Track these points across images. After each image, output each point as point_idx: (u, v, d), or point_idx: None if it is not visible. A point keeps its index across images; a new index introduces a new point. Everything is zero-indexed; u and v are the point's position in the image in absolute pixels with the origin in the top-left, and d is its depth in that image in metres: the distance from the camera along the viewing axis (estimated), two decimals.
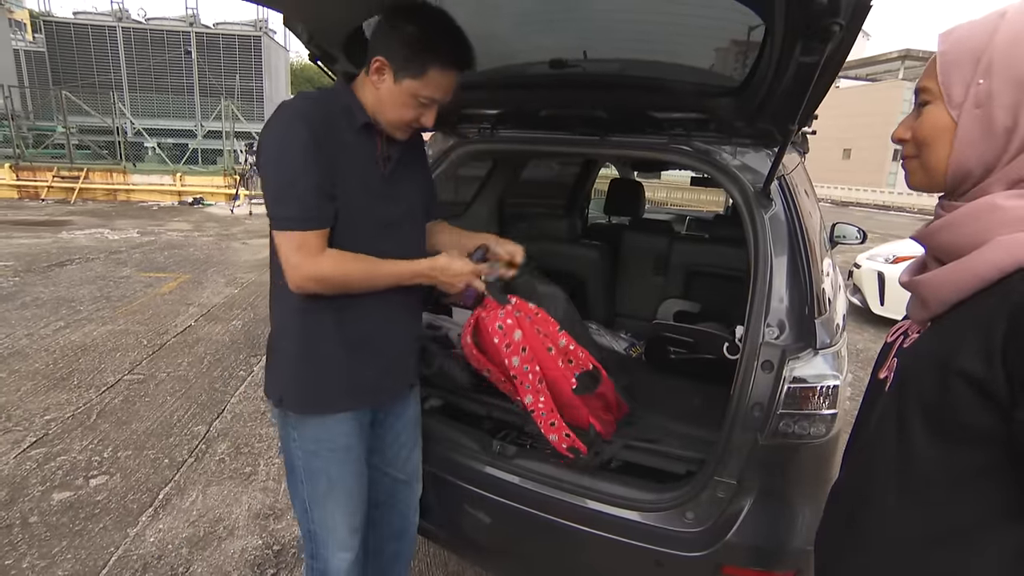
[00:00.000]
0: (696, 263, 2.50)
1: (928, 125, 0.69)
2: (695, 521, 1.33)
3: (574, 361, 1.38)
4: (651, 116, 1.55)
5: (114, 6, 17.41)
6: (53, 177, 12.87)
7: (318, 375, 1.27)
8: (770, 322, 1.33)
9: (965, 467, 0.62)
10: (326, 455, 1.30)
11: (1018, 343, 0.55)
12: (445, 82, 1.18)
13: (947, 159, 0.67)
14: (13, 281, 5.72)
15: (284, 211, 1.12)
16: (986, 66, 0.62)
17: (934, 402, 0.63)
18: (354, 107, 1.20)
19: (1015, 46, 0.61)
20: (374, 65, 1.16)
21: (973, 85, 0.63)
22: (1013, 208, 0.61)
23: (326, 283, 1.17)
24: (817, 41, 1.01)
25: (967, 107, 0.64)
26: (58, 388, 3.44)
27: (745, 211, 1.44)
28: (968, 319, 0.62)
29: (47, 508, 2.34)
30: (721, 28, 1.30)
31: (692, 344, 2.05)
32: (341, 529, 1.34)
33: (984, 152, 0.64)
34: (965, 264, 0.63)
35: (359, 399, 1.32)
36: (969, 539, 0.63)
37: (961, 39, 0.66)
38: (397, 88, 1.16)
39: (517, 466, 1.53)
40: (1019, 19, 0.62)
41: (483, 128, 1.85)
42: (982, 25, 0.64)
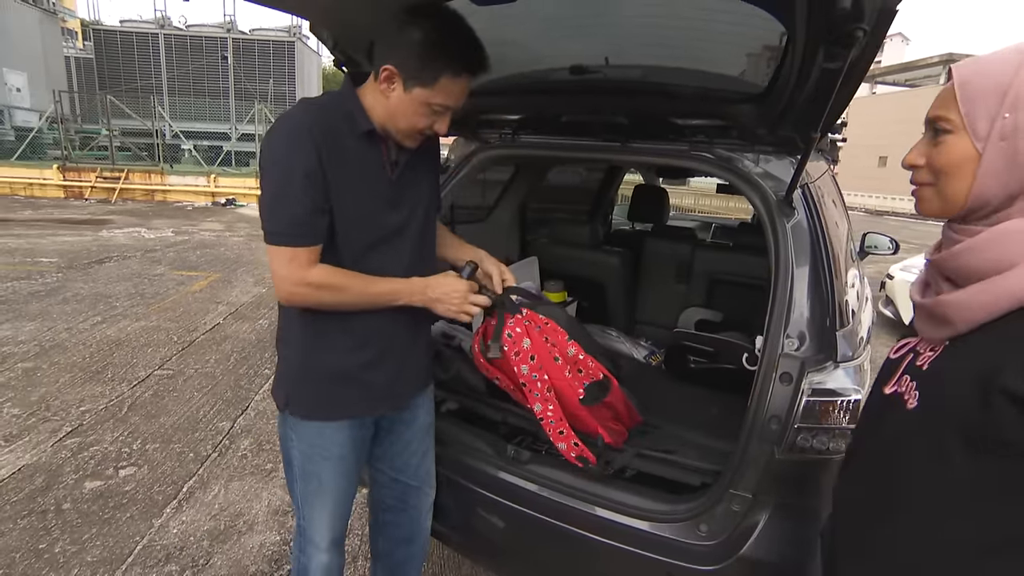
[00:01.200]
0: (719, 271, 2.46)
1: (950, 155, 0.70)
2: (709, 534, 1.31)
3: (584, 371, 1.37)
4: (672, 122, 1.54)
5: (157, 14, 18.09)
6: (96, 178, 13.41)
7: (320, 384, 1.28)
8: (790, 333, 1.30)
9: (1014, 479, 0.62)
10: (319, 461, 1.31)
11: None
12: (457, 89, 1.15)
13: (968, 189, 0.69)
14: (56, 277, 5.96)
15: (276, 226, 1.13)
16: (1012, 101, 0.64)
17: (975, 421, 0.64)
18: (357, 114, 1.18)
19: None
20: (383, 74, 1.14)
21: (999, 119, 0.65)
22: None
23: (316, 292, 1.16)
24: (840, 47, 0.99)
25: (992, 139, 0.66)
26: (93, 381, 3.57)
27: (767, 219, 1.42)
28: (1002, 338, 0.64)
29: (79, 496, 2.42)
30: (742, 34, 1.28)
31: (712, 354, 2.02)
32: (324, 532, 1.36)
33: (1008, 183, 0.66)
34: (997, 285, 0.65)
35: (363, 407, 1.33)
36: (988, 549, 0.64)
37: (983, 72, 0.68)
38: (408, 97, 1.14)
39: (531, 472, 1.52)
40: None
41: (504, 133, 1.86)
42: (1005, 60, 0.67)
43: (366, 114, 1.19)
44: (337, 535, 1.39)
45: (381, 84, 1.15)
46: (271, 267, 1.16)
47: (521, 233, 2.74)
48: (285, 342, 1.31)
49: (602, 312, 2.56)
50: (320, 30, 1.52)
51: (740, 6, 1.14)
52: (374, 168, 1.22)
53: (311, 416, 1.29)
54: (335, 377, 1.28)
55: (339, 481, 1.34)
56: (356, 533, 2.30)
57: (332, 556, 1.38)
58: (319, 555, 1.36)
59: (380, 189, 1.23)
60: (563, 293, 2.29)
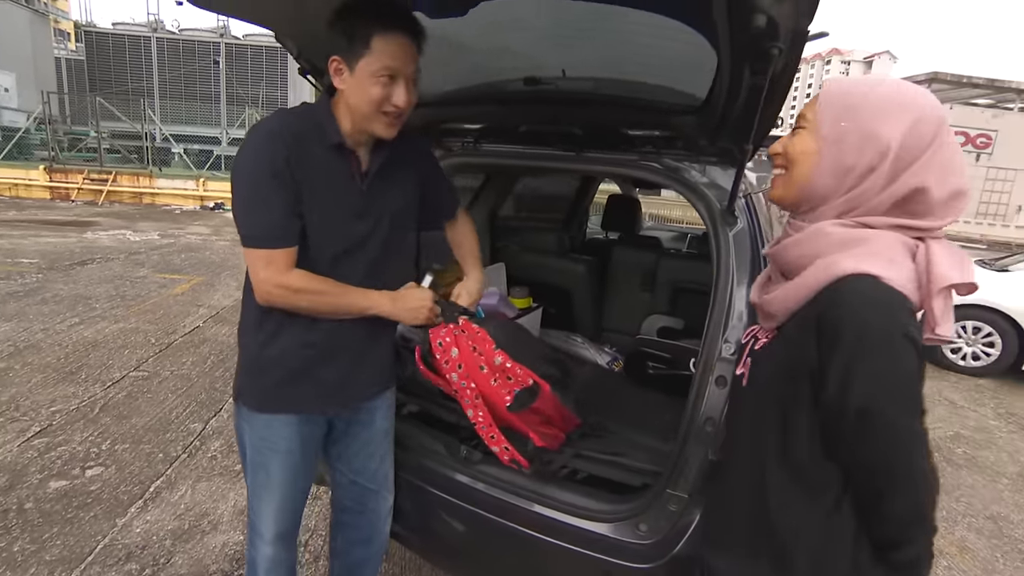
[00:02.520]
0: (682, 280, 2.51)
1: (800, 145, 0.83)
2: (647, 533, 1.35)
3: (513, 378, 1.40)
4: (623, 133, 1.59)
5: (150, 17, 18.09)
6: (84, 179, 13.35)
7: (271, 377, 1.30)
8: (728, 338, 1.35)
9: (799, 446, 0.78)
10: (267, 453, 1.34)
11: (822, 342, 0.73)
12: (394, 47, 1.15)
13: (805, 178, 0.81)
14: (36, 278, 5.93)
15: (251, 229, 1.16)
16: (854, 111, 0.77)
17: (785, 394, 0.79)
18: (327, 125, 1.22)
19: (877, 102, 0.76)
20: (332, 67, 1.18)
21: (838, 125, 0.77)
22: (835, 233, 0.77)
23: (294, 295, 1.20)
24: (761, 63, 1.05)
25: (829, 140, 0.78)
26: (66, 382, 3.56)
27: (711, 228, 1.47)
28: (799, 326, 0.78)
29: (43, 495, 2.42)
30: (684, 49, 1.33)
31: (670, 360, 2.07)
32: (269, 525, 1.38)
33: (829, 181, 0.79)
34: (798, 282, 0.78)
35: (312, 404, 1.35)
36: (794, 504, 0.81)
37: (844, 87, 0.80)
38: (356, 78, 1.16)
39: (482, 472, 1.56)
40: (890, 85, 0.78)
41: (466, 142, 1.90)
42: (864, 83, 0.80)
43: (336, 126, 1.22)
44: (283, 529, 1.40)
45: (335, 79, 1.19)
46: (250, 270, 1.20)
47: (491, 240, 2.78)
48: (243, 333, 1.34)
49: (569, 319, 2.60)
50: (284, 39, 1.56)
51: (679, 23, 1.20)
52: (343, 178, 1.25)
53: (261, 408, 1.32)
54: (286, 371, 1.30)
55: (286, 475, 1.36)
56: (319, 534, 2.31)
57: (278, 550, 1.39)
58: (264, 547, 1.38)
59: (348, 199, 1.26)
60: (528, 299, 2.33)
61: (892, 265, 0.73)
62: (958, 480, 3.26)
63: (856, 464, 0.75)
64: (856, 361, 0.70)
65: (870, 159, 0.75)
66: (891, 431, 0.70)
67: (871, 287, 0.71)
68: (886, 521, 0.75)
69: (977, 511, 2.94)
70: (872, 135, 0.75)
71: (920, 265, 0.74)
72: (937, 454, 3.55)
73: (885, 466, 0.73)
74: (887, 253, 0.74)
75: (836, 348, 0.71)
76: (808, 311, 0.77)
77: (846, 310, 0.71)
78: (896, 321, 0.70)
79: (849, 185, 0.77)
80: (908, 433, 0.71)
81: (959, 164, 0.77)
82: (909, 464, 0.72)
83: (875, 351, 0.69)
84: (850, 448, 0.73)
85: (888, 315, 0.70)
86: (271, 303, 1.22)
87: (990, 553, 2.60)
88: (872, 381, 0.69)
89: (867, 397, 0.69)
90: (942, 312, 0.72)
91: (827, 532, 0.78)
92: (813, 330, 0.74)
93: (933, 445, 3.58)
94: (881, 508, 0.75)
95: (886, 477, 0.73)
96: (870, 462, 0.73)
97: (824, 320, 0.73)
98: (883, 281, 0.72)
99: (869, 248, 0.75)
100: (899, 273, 0.73)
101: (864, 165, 0.76)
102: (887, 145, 0.74)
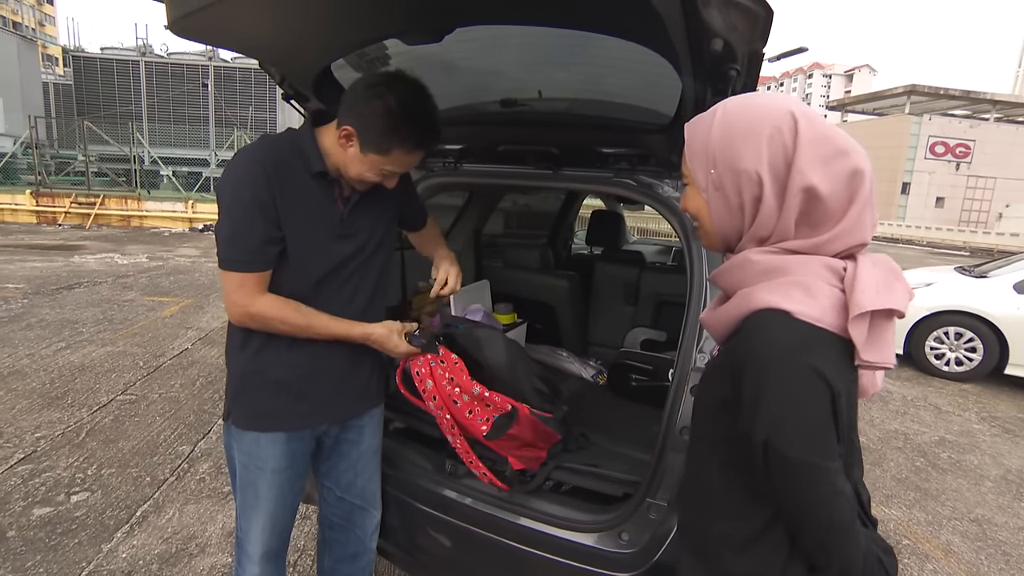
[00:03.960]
0: (664, 292, 2.56)
1: (691, 203, 0.85)
2: (629, 542, 1.37)
3: (491, 405, 1.44)
4: (597, 151, 1.64)
5: (139, 42, 18.20)
6: (71, 203, 13.29)
7: (257, 395, 1.32)
8: (702, 348, 1.39)
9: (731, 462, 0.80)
10: (255, 471, 1.35)
11: (735, 375, 0.74)
12: (409, 160, 1.25)
13: (711, 226, 0.83)
14: (22, 303, 5.89)
15: (227, 252, 1.20)
16: (712, 159, 0.78)
17: (713, 412, 0.82)
18: (311, 154, 1.25)
19: (725, 141, 0.77)
20: (343, 132, 1.21)
21: (708, 173, 0.79)
22: (760, 262, 0.77)
23: (262, 322, 1.24)
24: (721, 83, 1.10)
25: (710, 190, 0.80)
26: (52, 407, 3.53)
27: (684, 242, 1.52)
28: (723, 352, 0.81)
29: (26, 523, 2.39)
30: (651, 70, 1.39)
31: (652, 371, 2.10)
32: (256, 545, 1.38)
33: (732, 222, 0.80)
34: (724, 310, 0.81)
35: (299, 421, 1.36)
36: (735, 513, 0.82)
37: (693, 132, 0.81)
38: (363, 157, 1.22)
39: (466, 486, 1.57)
40: (726, 119, 0.77)
41: (447, 162, 1.95)
42: (705, 121, 0.80)
43: (320, 155, 1.26)
44: (270, 549, 1.41)
45: (340, 139, 1.23)
46: (223, 292, 1.23)
47: (476, 258, 2.82)
48: (229, 351, 1.36)
49: (554, 333, 2.64)
50: (269, 67, 1.61)
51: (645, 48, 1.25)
52: (325, 203, 1.29)
53: (249, 426, 1.33)
54: (272, 389, 1.32)
55: (273, 493, 1.36)
56: (308, 554, 2.30)
57: (264, 569, 1.40)
58: (251, 567, 1.39)
59: (330, 223, 1.30)
60: (512, 315, 2.36)
61: (807, 297, 0.71)
62: (943, 484, 3.30)
63: (773, 492, 0.75)
64: (758, 398, 0.70)
65: (750, 191, 0.76)
66: (793, 468, 0.70)
67: (778, 324, 0.71)
68: (806, 546, 0.78)
69: (962, 514, 2.98)
70: (739, 171, 0.75)
71: (848, 288, 0.72)
72: (923, 459, 3.60)
73: (793, 499, 0.74)
74: (806, 282, 0.73)
75: (742, 383, 0.72)
76: (729, 340, 0.79)
77: (751, 347, 0.72)
78: (797, 360, 0.69)
79: (748, 219, 0.78)
80: (810, 470, 0.70)
81: (844, 147, 0.73)
82: (814, 500, 0.72)
83: (774, 389, 0.70)
84: (763, 478, 0.74)
85: (789, 354, 0.69)
86: (242, 324, 1.25)
87: (975, 556, 2.63)
88: (773, 418, 0.70)
89: (769, 432, 0.70)
90: (862, 339, 0.70)
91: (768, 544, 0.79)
92: (728, 360, 0.76)
93: (919, 451, 3.61)
94: (800, 533, 0.77)
95: (795, 510, 0.75)
96: (779, 493, 0.74)
97: (733, 354, 0.75)
98: (793, 317, 0.70)
99: (788, 278, 0.74)
100: (814, 304, 0.71)
101: (749, 198, 0.76)
102: (756, 173, 0.74)
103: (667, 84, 1.36)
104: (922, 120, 29.41)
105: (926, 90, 29.87)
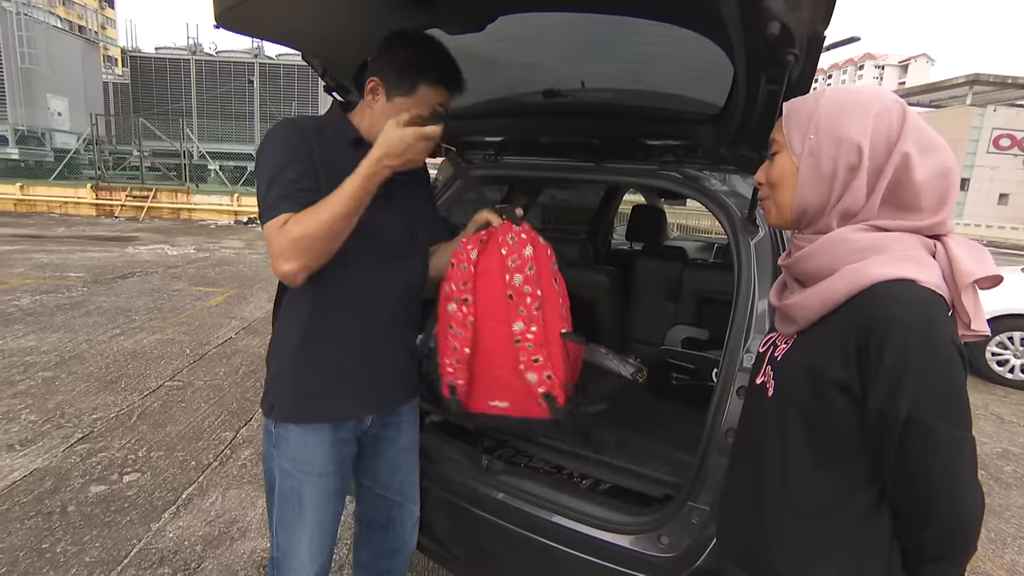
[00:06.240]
0: (708, 290, 2.48)
1: (775, 171, 0.85)
2: (669, 546, 1.33)
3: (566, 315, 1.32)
4: (642, 143, 1.59)
5: (190, 41, 18.92)
6: (126, 197, 13.96)
7: (304, 385, 1.28)
8: (749, 348, 1.33)
9: (834, 452, 0.77)
10: (300, 476, 1.28)
11: (864, 350, 0.71)
12: (435, 100, 1.23)
13: (792, 196, 0.82)
14: (81, 291, 6.21)
15: (270, 197, 1.12)
16: (816, 124, 0.79)
17: (810, 402, 0.77)
18: (344, 125, 1.27)
19: (834, 108, 0.78)
20: (369, 85, 1.23)
21: (807, 139, 0.79)
22: (856, 239, 0.76)
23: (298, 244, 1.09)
24: (777, 70, 1.04)
25: (804, 155, 0.80)
26: (107, 390, 3.71)
27: (731, 237, 1.45)
28: (827, 333, 0.77)
29: (84, 499, 2.52)
30: (701, 57, 1.33)
31: (694, 370, 2.04)
32: (305, 559, 1.30)
33: (818, 192, 0.79)
34: (822, 289, 0.77)
35: (348, 409, 1.32)
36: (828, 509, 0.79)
37: (802, 104, 0.83)
38: (389, 106, 1.22)
39: (502, 482, 1.56)
40: (837, 93, 0.81)
41: (488, 154, 1.93)
42: (820, 95, 0.82)
43: (354, 127, 1.28)
44: (319, 567, 1.32)
45: (367, 96, 1.24)
46: (269, 249, 1.12)
47: None
48: (276, 343, 1.33)
49: (592, 330, 2.59)
50: (311, 59, 1.62)
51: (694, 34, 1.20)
52: None
53: (297, 418, 1.27)
54: (320, 378, 1.28)
55: (320, 499, 1.30)
56: (344, 542, 2.34)
57: None
58: None
59: None
60: None
61: (921, 267, 0.72)
62: (1008, 500, 3.10)
63: (898, 474, 0.72)
64: (904, 369, 0.67)
65: (847, 160, 0.76)
66: (936, 441, 0.68)
67: (909, 291, 0.70)
68: (924, 535, 0.74)
69: None
70: (841, 138, 0.76)
71: (942, 263, 0.74)
72: (985, 472, 3.39)
73: (927, 478, 0.71)
74: (912, 255, 0.73)
75: (881, 356, 0.68)
76: (836, 319, 0.75)
77: (888, 317, 0.69)
78: (938, 325, 0.69)
79: (838, 191, 0.78)
80: (954, 444, 0.69)
81: (938, 143, 0.77)
82: (953, 477, 0.70)
83: (923, 357, 0.67)
84: (893, 458, 0.71)
85: (930, 319, 0.68)
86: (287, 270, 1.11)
87: None
88: (920, 389, 0.67)
89: (914, 406, 0.67)
90: (973, 308, 0.72)
91: (861, 538, 0.77)
92: (843, 338, 0.73)
93: (980, 463, 3.40)
94: (921, 521, 0.73)
95: (927, 490, 0.71)
96: (913, 473, 0.71)
97: (865, 328, 0.71)
98: (919, 284, 0.70)
99: (893, 252, 0.74)
100: (930, 274, 0.72)
101: (844, 167, 0.77)
102: (858, 142, 0.76)
103: (717, 72, 1.30)
104: (986, 112, 27.71)
105: (991, 79, 28.11)
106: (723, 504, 0.99)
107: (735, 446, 1.00)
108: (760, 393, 0.87)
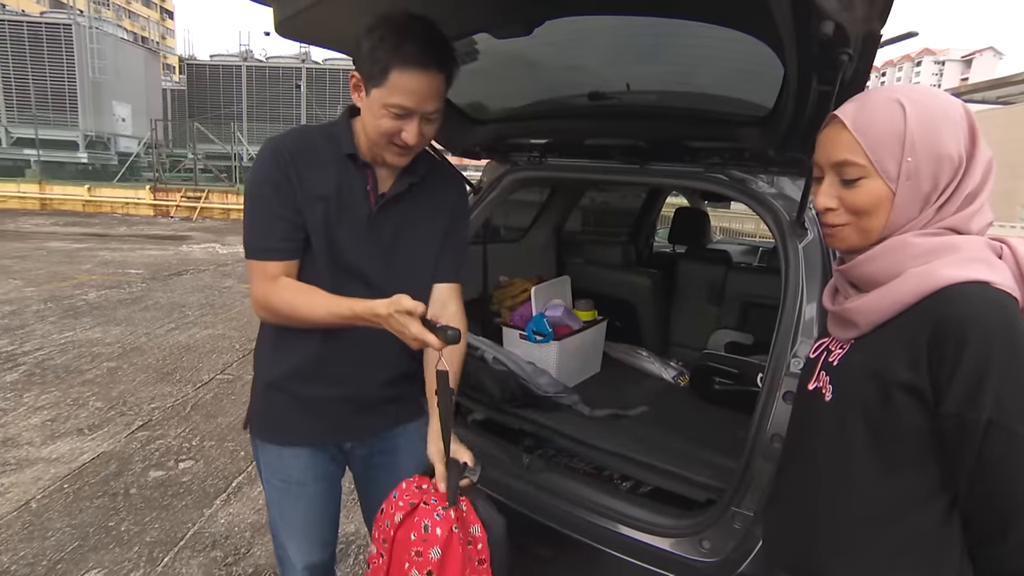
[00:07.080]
0: (752, 294, 2.43)
1: (869, 196, 0.78)
2: (711, 550, 1.32)
3: None
4: (687, 145, 1.58)
5: (242, 48, 19.72)
6: (181, 198, 14.64)
7: (275, 407, 1.23)
8: (797, 352, 1.31)
9: (901, 458, 0.75)
10: (278, 485, 1.25)
11: (938, 353, 0.69)
12: (411, 85, 1.03)
13: (884, 223, 0.78)
14: (140, 287, 6.56)
15: (251, 242, 1.14)
16: (912, 146, 0.74)
17: (874, 407, 0.75)
18: (342, 137, 1.16)
19: (927, 127, 0.74)
20: (351, 83, 1.10)
21: (903, 162, 0.75)
22: (920, 244, 0.75)
23: (273, 311, 1.14)
24: (830, 70, 1.02)
25: (902, 180, 0.76)
26: (164, 381, 3.91)
27: (779, 240, 1.43)
28: (893, 336, 0.74)
29: (144, 483, 2.67)
30: (749, 59, 1.32)
31: (737, 375, 2.01)
32: (299, 555, 1.29)
33: (912, 211, 0.77)
34: (888, 291, 0.75)
35: (315, 435, 1.24)
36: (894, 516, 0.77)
37: (876, 121, 0.77)
38: (369, 101, 1.08)
39: (543, 481, 1.58)
40: (923, 105, 0.75)
41: (532, 156, 1.95)
42: (890, 109, 0.76)
43: (352, 139, 1.16)
44: (312, 562, 1.31)
45: (353, 95, 1.12)
46: (249, 281, 1.16)
47: (557, 254, 2.81)
48: (257, 360, 1.28)
49: (634, 332, 2.58)
50: None
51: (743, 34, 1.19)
52: (354, 192, 1.17)
53: (268, 439, 1.24)
54: (290, 401, 1.22)
55: (302, 505, 1.26)
56: None
57: None
58: None
59: (355, 215, 1.17)
60: (593, 312, 2.33)
61: (993, 269, 0.71)
62: None
63: (976, 481, 0.70)
64: (985, 371, 0.66)
65: (947, 177, 0.75)
66: (1019, 445, 0.66)
67: (985, 293, 0.68)
68: (1003, 546, 0.71)
69: None
70: (942, 156, 0.74)
71: (1010, 265, 0.73)
72: None
73: (1008, 485, 0.68)
74: (983, 257, 0.72)
75: (960, 359, 0.67)
76: (902, 322, 0.73)
77: (965, 319, 0.67)
78: (1018, 327, 0.67)
79: (935, 207, 0.76)
80: None
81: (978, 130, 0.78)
82: None
83: (1005, 360, 0.66)
84: (971, 464, 0.69)
85: (1009, 321, 0.67)
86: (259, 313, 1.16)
87: None
88: (1003, 392, 0.65)
89: (997, 409, 0.65)
90: None
91: (933, 546, 0.75)
92: (912, 341, 0.71)
93: None
94: (1000, 531, 0.70)
95: (1009, 497, 0.69)
96: (993, 479, 0.68)
97: (939, 330, 0.69)
98: (994, 286, 0.69)
99: (963, 255, 0.72)
100: (1003, 276, 0.70)
101: (943, 185, 0.75)
102: (959, 158, 0.74)
103: (766, 73, 1.29)
104: None
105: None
106: (772, 510, 0.97)
107: (785, 452, 0.98)
108: (814, 399, 0.84)
